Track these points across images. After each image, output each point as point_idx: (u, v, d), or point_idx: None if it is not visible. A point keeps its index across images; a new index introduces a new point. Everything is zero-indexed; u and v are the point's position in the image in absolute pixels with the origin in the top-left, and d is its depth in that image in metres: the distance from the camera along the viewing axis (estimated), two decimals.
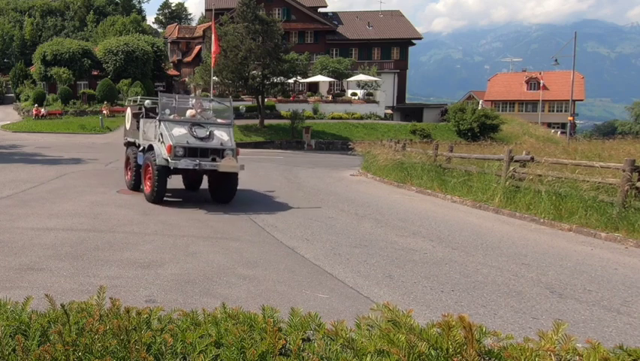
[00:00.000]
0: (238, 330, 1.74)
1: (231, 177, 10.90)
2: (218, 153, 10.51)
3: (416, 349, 1.55)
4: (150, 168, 10.59)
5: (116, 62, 45.58)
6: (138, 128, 11.91)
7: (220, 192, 11.30)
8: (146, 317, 1.90)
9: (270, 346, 1.63)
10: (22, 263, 5.92)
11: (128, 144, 12.97)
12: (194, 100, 12.23)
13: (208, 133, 10.56)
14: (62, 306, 1.93)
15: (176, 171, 10.61)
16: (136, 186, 11.91)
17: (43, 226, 7.98)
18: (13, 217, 8.56)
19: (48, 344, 1.69)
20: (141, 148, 11.58)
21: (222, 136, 10.69)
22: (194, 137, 10.41)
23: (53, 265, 5.91)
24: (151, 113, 11.54)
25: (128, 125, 13.23)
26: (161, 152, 10.34)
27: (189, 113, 11.35)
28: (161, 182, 10.39)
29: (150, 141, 10.93)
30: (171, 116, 10.94)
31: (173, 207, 10.45)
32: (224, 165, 10.28)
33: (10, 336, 1.75)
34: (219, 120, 11.39)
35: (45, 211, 9.15)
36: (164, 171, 10.41)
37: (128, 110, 13.36)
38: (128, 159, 12.70)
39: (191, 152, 10.31)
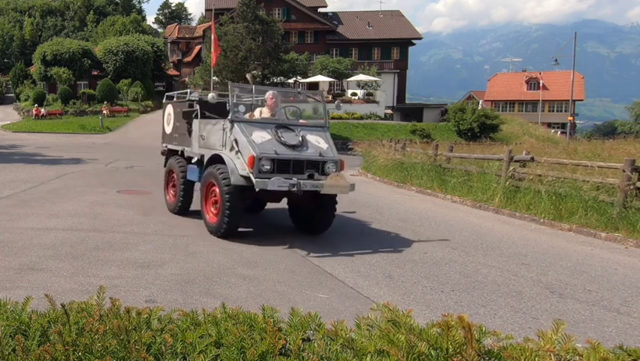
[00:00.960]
0: (238, 330, 1.74)
1: (329, 200, 7.97)
2: (317, 166, 7.52)
3: (416, 349, 1.55)
4: (217, 189, 7.54)
5: (116, 62, 45.60)
6: (189, 132, 8.96)
7: (313, 221, 8.21)
8: (146, 317, 1.90)
9: (270, 346, 1.63)
10: (22, 263, 5.92)
11: (169, 153, 10.14)
12: (269, 93, 8.36)
13: (300, 139, 7.54)
14: (62, 306, 1.93)
15: (255, 192, 7.34)
16: (183, 209, 9.21)
17: (43, 226, 7.98)
18: (13, 217, 8.56)
19: (48, 344, 1.69)
20: (195, 160, 8.66)
21: (319, 143, 7.75)
22: (283, 144, 7.39)
23: (53, 265, 5.91)
24: (208, 111, 8.82)
25: (168, 128, 10.20)
26: (236, 166, 7.33)
27: (263, 111, 8.36)
28: (236, 209, 7.36)
29: (214, 150, 7.95)
30: (246, 115, 8.30)
31: None
32: (331, 184, 7.27)
33: (10, 336, 1.75)
34: (308, 122, 8.52)
35: (45, 211, 9.15)
36: (240, 194, 7.37)
37: (169, 109, 10.19)
38: (170, 173, 9.81)
39: (281, 165, 7.25)
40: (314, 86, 46.64)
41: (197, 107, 8.80)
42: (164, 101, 10.75)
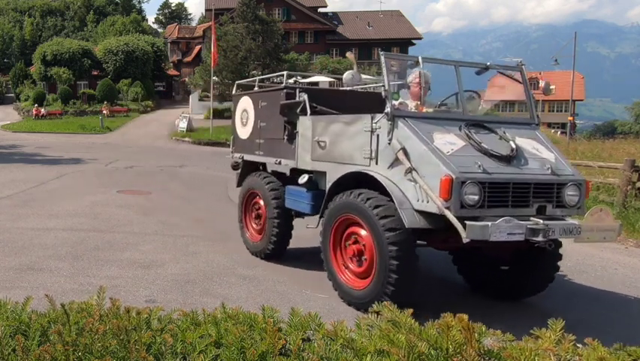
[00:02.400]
0: (238, 330, 1.74)
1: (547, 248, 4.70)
2: (549, 193, 4.60)
3: (416, 349, 1.56)
4: (369, 236, 4.74)
5: (116, 62, 45.61)
6: (289, 135, 6.12)
7: (511, 280, 5.25)
8: (146, 317, 1.90)
9: (270, 346, 1.63)
10: (22, 263, 5.92)
11: (247, 168, 7.33)
12: (414, 72, 5.32)
13: (514, 147, 4.66)
14: (62, 306, 1.93)
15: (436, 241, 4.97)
16: (277, 252, 6.46)
17: (43, 226, 7.98)
18: (13, 217, 8.56)
19: (48, 344, 1.69)
20: (304, 179, 5.70)
21: (539, 152, 4.86)
22: (488, 154, 4.55)
23: (53, 265, 5.91)
24: (319, 104, 5.91)
25: (244, 131, 7.23)
26: (407, 195, 4.58)
27: (414, 99, 5.38)
28: (412, 270, 4.55)
29: (350, 165, 5.15)
30: (412, 106, 5.27)
31: (173, 207, 10.44)
32: (593, 226, 4.46)
33: (10, 336, 1.75)
34: (510, 117, 6.03)
35: (45, 211, 9.15)
36: (414, 243, 4.62)
37: (245, 102, 7.19)
38: (250, 197, 7.01)
39: (495, 193, 4.38)
40: (314, 86, 46.71)
41: (305, 97, 5.80)
42: (234, 92, 7.86)
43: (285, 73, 6.68)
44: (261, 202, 6.66)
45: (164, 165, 17.99)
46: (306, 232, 6.29)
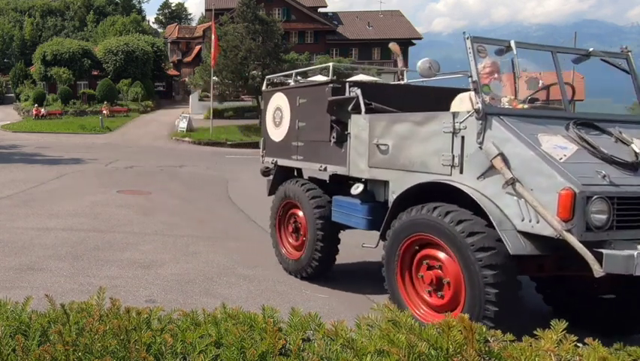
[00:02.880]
0: (238, 330, 1.74)
1: None
2: None
3: (416, 349, 1.55)
4: (454, 261, 3.89)
5: (116, 62, 45.59)
6: (337, 137, 5.28)
7: (614, 311, 4.47)
8: (146, 317, 1.90)
9: (270, 346, 1.63)
10: (22, 263, 5.92)
11: (280, 174, 6.58)
12: (486, 61, 4.43)
13: (638, 151, 3.88)
14: (62, 306, 1.93)
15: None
16: (320, 270, 5.67)
17: (43, 225, 7.97)
18: (13, 217, 8.56)
19: (48, 344, 1.69)
20: (358, 189, 4.98)
21: None
22: (610, 161, 3.74)
23: (53, 265, 5.91)
24: (375, 101, 5.08)
25: (277, 132, 6.43)
26: (506, 213, 3.76)
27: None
28: (513, 298, 3.69)
29: (422, 173, 4.38)
30: (505, 101, 4.47)
31: (173, 207, 10.44)
32: None
33: (10, 336, 1.75)
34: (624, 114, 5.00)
35: (45, 211, 9.15)
36: (513, 267, 3.72)
37: (278, 99, 6.38)
38: (286, 208, 6.24)
39: (625, 211, 3.58)
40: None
41: (358, 93, 5.00)
42: (264, 87, 7.11)
43: (330, 65, 5.94)
44: (300, 214, 5.83)
45: (164, 165, 17.99)
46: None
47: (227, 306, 2.04)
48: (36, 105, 41.21)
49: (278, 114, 6.38)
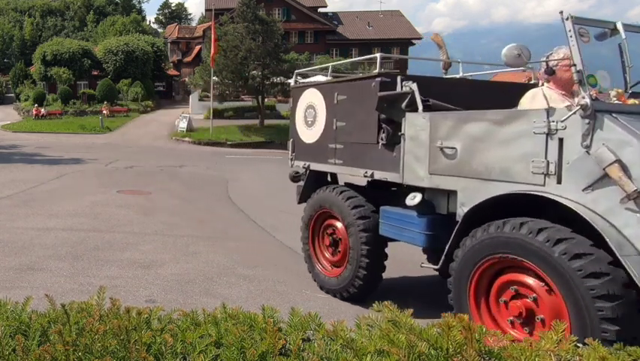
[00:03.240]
0: (238, 330, 1.74)
1: None
2: None
3: (416, 349, 1.55)
4: (557, 293, 3.18)
5: (116, 62, 45.60)
6: (387, 140, 4.70)
7: None
8: (146, 317, 1.90)
9: (270, 346, 1.63)
10: (22, 263, 5.92)
11: (312, 179, 6.05)
12: (562, 50, 3.83)
13: None
14: (62, 306, 1.93)
15: None
16: (365, 291, 5.05)
17: (43, 226, 7.97)
18: (13, 217, 8.56)
19: (48, 344, 1.69)
20: (416, 200, 4.34)
21: None
22: None
23: (53, 265, 5.91)
24: (432, 97, 4.45)
25: (310, 133, 5.85)
26: (627, 235, 3.06)
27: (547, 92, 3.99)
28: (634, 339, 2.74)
29: (507, 183, 3.65)
30: (612, 96, 3.85)
31: (173, 207, 10.44)
32: None
33: (10, 336, 1.75)
34: None
35: (45, 211, 9.15)
36: (635, 303, 3.00)
37: (310, 96, 5.81)
38: (320, 216, 5.66)
39: None
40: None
41: (414, 88, 4.40)
42: (292, 83, 6.65)
43: (379, 55, 4.93)
44: (339, 225, 5.27)
45: (164, 165, 17.99)
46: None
47: (227, 306, 2.04)
48: (36, 105, 41.21)
49: (310, 113, 5.79)
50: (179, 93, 56.53)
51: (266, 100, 37.23)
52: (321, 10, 56.58)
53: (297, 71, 6.88)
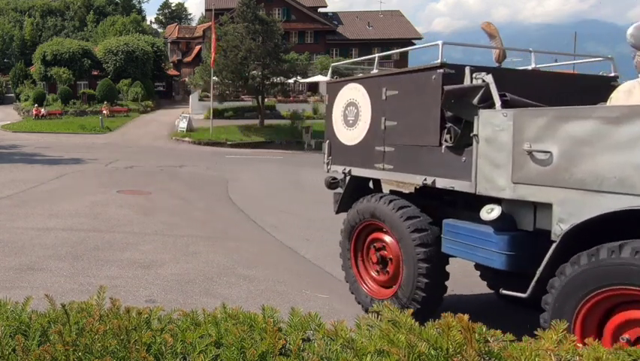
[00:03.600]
0: (238, 330, 1.74)
1: None
2: None
3: (416, 349, 1.55)
4: None
5: (116, 62, 45.62)
6: (454, 141, 4.05)
7: None
8: (146, 317, 1.90)
9: (270, 346, 1.63)
10: (22, 263, 5.92)
11: (352, 187, 5.49)
12: None
13: None
14: (62, 306, 1.93)
15: None
16: (423, 313, 3.92)
17: (43, 225, 7.97)
18: (13, 217, 8.56)
19: (48, 344, 1.69)
20: (495, 213, 3.69)
21: None
22: None
23: (53, 265, 5.91)
24: (510, 92, 3.86)
25: (350, 134, 5.28)
26: None
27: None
28: None
29: (617, 193, 3.03)
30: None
31: (173, 207, 10.44)
32: None
33: (10, 336, 1.75)
34: None
35: (45, 211, 9.15)
36: None
37: (351, 91, 5.27)
38: (364, 228, 5.10)
39: None
40: (314, 86, 46.70)
41: (489, 80, 3.84)
42: (328, 78, 6.04)
43: (440, 42, 4.21)
44: (388, 239, 4.70)
45: (164, 165, 17.99)
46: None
47: (227, 306, 2.04)
48: (36, 105, 41.21)
49: (351, 111, 5.18)
50: (179, 93, 56.56)
51: (266, 100, 37.24)
52: (321, 10, 56.61)
53: (333, 64, 6.24)
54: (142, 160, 19.69)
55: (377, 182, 5.39)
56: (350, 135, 5.22)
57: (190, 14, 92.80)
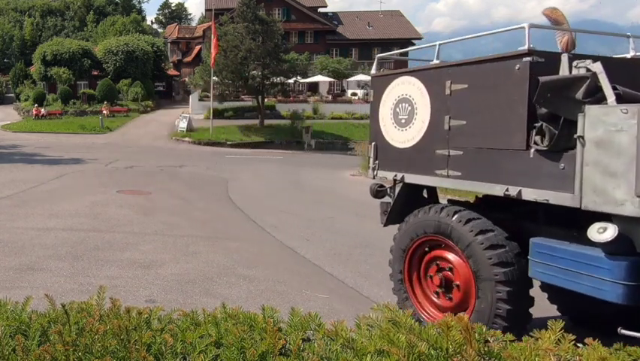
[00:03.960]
0: (238, 330, 1.74)
1: None
2: None
3: (416, 349, 1.55)
4: None
5: (116, 62, 45.62)
6: (545, 145, 3.43)
7: None
8: (146, 317, 1.90)
9: (270, 346, 1.63)
10: (22, 263, 5.92)
11: (408, 196, 4.90)
12: None
13: None
14: (62, 306, 1.93)
15: None
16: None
17: (43, 226, 7.97)
18: (13, 217, 8.56)
19: (48, 344, 1.69)
20: (610, 234, 3.04)
21: None
22: None
23: (53, 265, 5.91)
24: (619, 84, 3.34)
25: (404, 135, 4.65)
26: None
27: None
28: None
29: None
30: None
31: (173, 207, 10.44)
32: None
33: (10, 336, 1.75)
34: None
35: (45, 211, 9.15)
36: None
37: (404, 86, 4.65)
38: (421, 245, 4.44)
39: None
40: (314, 86, 46.70)
41: (598, 69, 3.31)
42: (373, 70, 5.33)
43: (526, 25, 3.57)
44: (452, 257, 4.06)
45: (164, 165, 17.99)
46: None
47: (227, 306, 2.04)
48: (36, 105, 41.20)
49: (404, 108, 4.54)
50: (179, 93, 56.58)
51: (266, 100, 37.23)
52: (321, 10, 56.60)
53: (378, 55, 5.34)
54: (142, 160, 19.69)
55: (432, 191, 4.79)
56: (403, 137, 4.56)
57: (190, 14, 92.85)
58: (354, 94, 45.40)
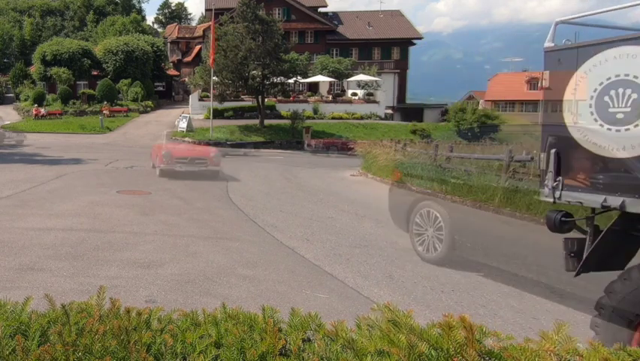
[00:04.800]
0: (238, 330, 1.74)
1: None
2: None
3: (416, 349, 1.55)
4: None
5: (116, 62, 45.63)
6: None
7: None
8: (146, 317, 1.90)
9: (270, 346, 1.63)
10: (22, 263, 5.92)
11: (619, 232, 3.46)
12: None
13: None
14: (62, 306, 1.93)
15: None
16: None
17: (43, 226, 7.97)
18: (13, 217, 8.56)
19: (48, 344, 1.69)
20: None
21: None
22: None
23: (53, 265, 5.91)
24: None
25: (621, 138, 3.11)
26: None
27: None
28: None
29: None
30: None
31: (173, 207, 10.44)
32: None
33: (10, 336, 1.75)
34: None
35: (45, 211, 9.14)
36: None
37: (621, 59, 3.06)
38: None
39: None
40: (314, 86, 46.71)
41: None
42: (548, 43, 3.70)
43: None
44: None
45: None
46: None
47: (227, 306, 2.03)
48: (36, 105, 41.20)
49: (623, 96, 3.16)
50: (179, 93, 56.58)
51: (266, 100, 37.22)
52: (321, 9, 56.59)
53: (558, 20, 3.78)
54: (142, 160, 19.68)
55: None
56: (621, 141, 3.13)
57: (190, 14, 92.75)
58: (354, 94, 45.39)
